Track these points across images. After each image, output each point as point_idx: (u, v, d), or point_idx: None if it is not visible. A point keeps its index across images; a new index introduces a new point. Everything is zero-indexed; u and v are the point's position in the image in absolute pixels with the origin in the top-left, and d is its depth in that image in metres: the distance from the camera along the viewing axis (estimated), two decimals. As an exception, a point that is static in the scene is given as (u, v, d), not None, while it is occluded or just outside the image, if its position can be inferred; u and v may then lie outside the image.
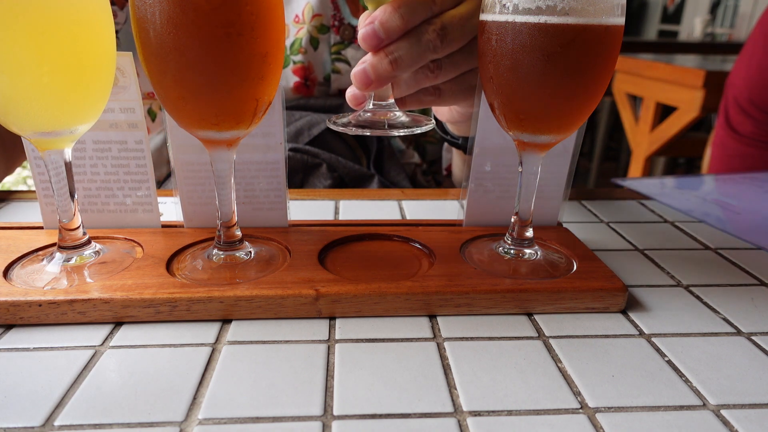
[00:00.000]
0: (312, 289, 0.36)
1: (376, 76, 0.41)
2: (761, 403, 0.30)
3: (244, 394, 0.30)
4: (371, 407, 0.29)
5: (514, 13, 0.34)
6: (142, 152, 0.44)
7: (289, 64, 0.74)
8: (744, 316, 0.39)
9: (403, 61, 0.40)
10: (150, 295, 0.35)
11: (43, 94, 0.33)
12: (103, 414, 0.28)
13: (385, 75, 0.40)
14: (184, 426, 0.27)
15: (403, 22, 0.39)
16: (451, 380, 0.31)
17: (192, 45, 0.32)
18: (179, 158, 0.44)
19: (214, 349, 0.33)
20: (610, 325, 0.37)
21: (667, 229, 0.55)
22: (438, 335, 0.35)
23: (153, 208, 0.46)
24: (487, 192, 0.47)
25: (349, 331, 0.35)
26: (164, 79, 0.34)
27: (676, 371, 0.33)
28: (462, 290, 0.37)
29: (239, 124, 0.36)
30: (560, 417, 0.29)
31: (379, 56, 0.40)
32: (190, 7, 0.31)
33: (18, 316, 0.35)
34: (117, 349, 0.33)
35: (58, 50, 0.32)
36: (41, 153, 0.37)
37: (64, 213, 0.39)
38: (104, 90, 0.37)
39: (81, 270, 0.38)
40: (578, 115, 0.37)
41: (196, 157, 0.44)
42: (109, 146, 0.44)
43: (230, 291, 0.36)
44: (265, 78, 0.35)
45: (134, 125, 0.43)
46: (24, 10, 0.30)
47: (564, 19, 0.33)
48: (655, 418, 0.29)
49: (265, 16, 0.33)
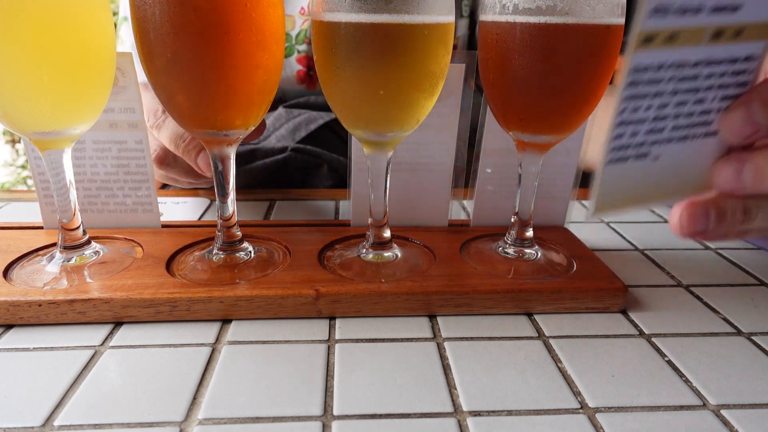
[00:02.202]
0: (312, 289, 0.36)
1: (756, 185, 0.28)
2: (761, 403, 0.30)
3: (244, 394, 0.30)
4: (371, 407, 0.29)
5: (514, 13, 0.34)
6: (142, 152, 0.44)
7: (293, 53, 0.74)
8: (744, 316, 0.39)
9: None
10: (150, 295, 0.35)
11: (43, 94, 0.33)
12: (103, 414, 0.28)
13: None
14: (184, 426, 0.27)
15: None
16: (451, 380, 0.31)
17: (191, 45, 0.32)
18: None
19: (214, 349, 0.33)
20: (610, 325, 0.37)
21: (667, 229, 0.55)
22: (438, 335, 0.35)
23: (153, 208, 0.46)
24: (494, 192, 0.47)
25: (349, 331, 0.35)
26: (164, 79, 0.34)
27: (676, 371, 0.33)
28: (462, 290, 0.37)
29: (239, 124, 0.36)
30: (560, 417, 0.29)
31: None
32: (189, 7, 0.31)
33: (18, 316, 0.35)
34: (117, 349, 0.33)
35: (58, 50, 0.32)
36: (41, 153, 0.37)
37: (64, 213, 0.39)
38: (104, 90, 0.37)
39: (81, 270, 0.38)
40: (578, 115, 0.37)
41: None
42: (109, 146, 0.44)
43: (230, 291, 0.36)
44: (265, 77, 0.35)
45: (134, 125, 0.43)
46: (24, 11, 0.30)
47: (564, 19, 0.33)
48: (655, 418, 0.29)
49: (264, 16, 0.33)
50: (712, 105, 0.28)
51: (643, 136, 0.28)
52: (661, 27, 0.25)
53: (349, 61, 0.33)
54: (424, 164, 0.46)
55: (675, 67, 0.27)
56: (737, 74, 0.28)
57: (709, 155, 0.29)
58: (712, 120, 0.29)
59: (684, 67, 0.27)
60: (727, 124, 0.28)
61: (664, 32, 0.26)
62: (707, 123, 0.29)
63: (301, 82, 0.75)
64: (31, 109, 0.34)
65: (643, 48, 0.26)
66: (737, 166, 0.27)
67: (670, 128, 0.28)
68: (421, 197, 0.47)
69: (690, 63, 0.27)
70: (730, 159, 0.28)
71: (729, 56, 0.27)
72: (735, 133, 0.27)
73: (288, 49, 0.74)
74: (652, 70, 0.26)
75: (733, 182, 0.28)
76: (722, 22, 0.26)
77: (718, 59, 0.27)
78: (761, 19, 0.27)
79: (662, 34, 0.26)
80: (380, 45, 0.32)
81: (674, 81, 0.27)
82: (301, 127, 0.70)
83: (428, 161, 0.46)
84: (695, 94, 0.28)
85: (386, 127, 0.36)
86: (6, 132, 2.57)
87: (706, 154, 0.29)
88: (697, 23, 0.26)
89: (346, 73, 0.34)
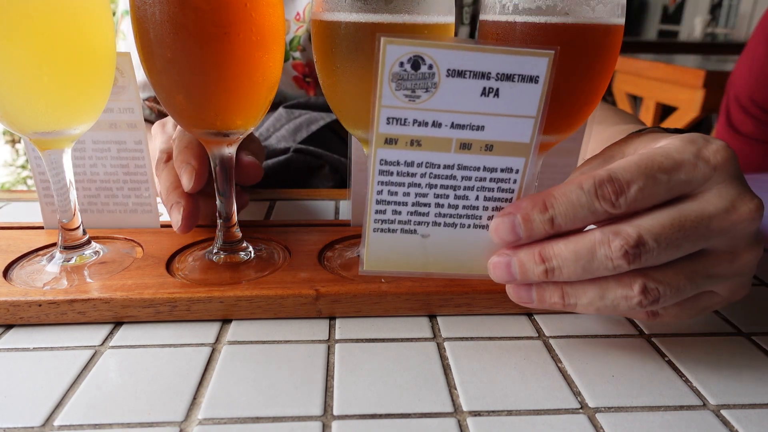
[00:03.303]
0: (312, 289, 0.36)
1: (524, 278, 0.31)
2: (761, 403, 0.30)
3: (244, 394, 0.30)
4: (371, 407, 0.29)
5: (514, 13, 0.34)
6: (141, 152, 0.44)
7: (289, 59, 0.74)
8: (744, 316, 0.39)
9: (564, 275, 0.30)
10: (150, 295, 0.35)
11: (43, 94, 0.33)
12: (103, 414, 0.28)
13: (536, 280, 0.31)
14: (184, 426, 0.27)
15: (553, 227, 0.30)
16: (451, 380, 0.31)
17: (191, 45, 0.32)
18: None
19: (214, 349, 0.33)
20: (610, 325, 0.37)
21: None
22: (438, 335, 0.35)
23: (152, 209, 0.46)
24: None
25: (349, 331, 0.35)
26: (164, 79, 0.34)
27: (676, 371, 0.33)
28: (462, 290, 0.37)
29: (239, 124, 0.36)
30: (560, 417, 0.29)
31: (530, 255, 0.31)
32: (189, 7, 0.31)
33: (18, 316, 0.35)
34: (117, 349, 0.33)
35: (58, 51, 0.32)
36: (41, 153, 0.37)
37: (64, 213, 0.39)
38: (104, 90, 0.37)
39: (81, 270, 0.38)
40: (578, 115, 0.37)
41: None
42: (108, 146, 0.44)
43: (230, 291, 0.36)
44: (265, 77, 0.35)
45: (133, 125, 0.43)
46: (24, 11, 0.30)
47: (564, 19, 0.33)
48: (655, 418, 0.29)
49: (264, 16, 0.33)
50: (477, 203, 0.32)
51: (407, 215, 0.32)
52: (400, 133, 0.29)
53: (349, 61, 0.33)
54: None
55: (426, 165, 0.31)
56: (499, 181, 0.32)
57: (482, 244, 0.34)
58: (480, 215, 0.33)
59: (437, 167, 0.31)
60: (494, 230, 0.32)
61: (405, 137, 0.30)
62: (476, 216, 0.33)
63: (300, 87, 0.75)
64: (31, 109, 0.34)
65: (386, 147, 0.30)
66: (506, 261, 0.32)
67: (435, 214, 0.32)
68: None
69: (440, 165, 0.31)
70: (500, 254, 0.32)
71: (485, 165, 0.31)
72: (500, 239, 0.32)
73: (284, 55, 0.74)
74: (402, 164, 0.31)
75: (506, 276, 0.32)
76: (467, 136, 0.30)
77: (472, 166, 0.31)
78: (507, 139, 0.30)
79: (403, 139, 0.30)
80: (380, 45, 0.32)
81: (428, 177, 0.31)
82: (302, 128, 0.70)
83: None
84: (455, 190, 0.32)
85: None
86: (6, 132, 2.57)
87: (478, 242, 0.33)
88: (439, 135, 0.30)
89: (346, 73, 0.33)
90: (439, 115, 0.29)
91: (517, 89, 0.29)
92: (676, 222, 0.28)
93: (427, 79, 0.28)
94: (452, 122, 0.30)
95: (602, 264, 0.29)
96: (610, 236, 0.28)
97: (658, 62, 2.08)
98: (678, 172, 0.29)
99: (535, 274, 0.31)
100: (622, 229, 0.28)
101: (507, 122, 0.30)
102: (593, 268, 0.29)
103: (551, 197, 0.30)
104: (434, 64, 0.28)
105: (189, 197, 0.42)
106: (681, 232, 0.28)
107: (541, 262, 0.30)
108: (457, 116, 0.29)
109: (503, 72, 0.28)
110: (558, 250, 0.30)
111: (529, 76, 0.29)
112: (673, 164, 0.29)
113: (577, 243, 0.29)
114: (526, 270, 0.31)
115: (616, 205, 0.29)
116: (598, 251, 0.29)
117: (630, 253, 0.28)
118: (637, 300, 0.29)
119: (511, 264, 0.31)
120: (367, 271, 0.34)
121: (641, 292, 0.29)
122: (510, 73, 0.28)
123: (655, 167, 0.29)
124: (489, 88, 0.29)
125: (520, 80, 0.29)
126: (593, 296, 0.30)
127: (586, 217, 0.29)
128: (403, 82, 0.28)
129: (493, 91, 0.29)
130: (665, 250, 0.28)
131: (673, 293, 0.29)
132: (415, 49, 0.27)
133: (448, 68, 0.28)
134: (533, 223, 0.30)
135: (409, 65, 0.28)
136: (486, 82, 0.29)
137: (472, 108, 0.29)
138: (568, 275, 0.30)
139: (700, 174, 0.29)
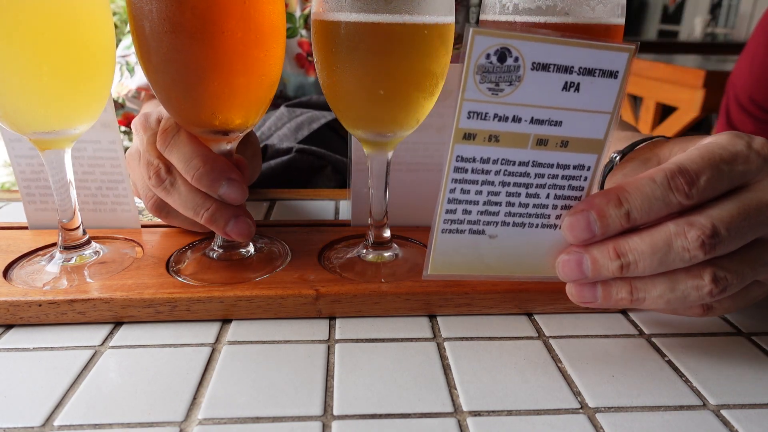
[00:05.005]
0: (312, 289, 0.36)
1: (596, 275, 0.31)
2: (761, 403, 0.30)
3: (244, 394, 0.30)
4: (371, 407, 0.29)
5: (514, 13, 0.34)
6: (116, 152, 0.44)
7: (296, 35, 0.74)
8: (744, 316, 0.39)
9: (639, 269, 0.30)
10: (150, 295, 0.35)
11: (43, 94, 0.33)
12: (103, 414, 0.28)
13: (609, 276, 0.31)
14: (184, 426, 0.27)
15: (629, 221, 0.30)
16: (451, 380, 0.31)
17: (189, 44, 0.32)
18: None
19: (214, 349, 0.33)
20: (610, 325, 0.37)
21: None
22: (438, 335, 0.35)
23: (131, 208, 0.46)
24: None
25: (349, 331, 0.35)
26: (162, 78, 0.34)
27: (676, 371, 0.33)
28: (462, 290, 0.37)
29: (239, 123, 0.36)
30: (560, 417, 0.29)
31: (604, 251, 0.31)
32: (187, 6, 0.31)
33: (18, 316, 0.35)
34: (117, 349, 0.33)
35: (58, 51, 0.32)
36: (41, 153, 0.37)
37: (64, 213, 0.39)
38: (104, 90, 0.37)
39: (81, 270, 0.38)
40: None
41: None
42: (84, 146, 0.43)
43: (230, 291, 0.36)
44: (264, 76, 0.35)
45: (106, 125, 0.43)
46: (24, 11, 0.30)
47: (564, 19, 0.33)
48: (655, 418, 0.29)
49: (263, 14, 0.33)
50: (547, 201, 0.32)
51: (476, 215, 0.32)
52: (479, 128, 0.29)
53: (349, 61, 0.33)
54: (424, 164, 0.46)
55: (501, 162, 0.30)
56: (570, 178, 0.31)
57: (548, 245, 0.33)
58: (549, 214, 0.32)
59: (512, 164, 0.31)
60: (567, 228, 0.31)
61: (484, 133, 0.29)
62: (544, 215, 0.32)
63: (301, 66, 0.75)
64: (31, 109, 0.34)
65: (464, 142, 0.29)
66: (578, 258, 0.31)
67: (504, 213, 0.32)
68: (421, 197, 0.47)
69: (515, 162, 0.31)
70: (570, 252, 0.32)
71: (558, 162, 0.31)
72: (575, 237, 0.31)
73: (291, 31, 0.73)
74: (478, 161, 0.30)
75: (576, 273, 0.32)
76: (544, 132, 0.30)
77: (547, 163, 0.31)
78: (583, 136, 0.30)
79: (482, 134, 0.29)
80: (380, 45, 0.32)
81: (502, 174, 0.31)
82: (303, 127, 0.70)
83: (428, 161, 0.46)
84: (527, 188, 0.31)
85: (386, 127, 0.36)
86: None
87: (545, 242, 0.33)
88: (518, 130, 0.29)
89: (346, 73, 0.34)
90: (519, 110, 0.29)
91: (596, 84, 0.29)
92: (743, 211, 0.29)
93: (512, 72, 0.28)
94: (532, 117, 0.29)
95: (679, 255, 0.29)
96: (685, 227, 0.29)
97: (658, 62, 2.08)
98: (736, 163, 0.30)
99: (609, 270, 0.30)
100: (696, 221, 0.29)
101: (584, 118, 0.29)
102: (669, 260, 0.29)
103: (624, 192, 0.30)
104: (520, 57, 0.27)
105: (235, 169, 0.38)
106: (747, 221, 0.29)
107: (616, 257, 0.30)
108: (537, 111, 0.29)
109: (586, 66, 0.28)
110: (634, 245, 0.30)
111: (609, 71, 0.28)
112: (732, 156, 0.30)
113: (653, 236, 0.30)
114: (599, 267, 0.31)
115: (689, 196, 0.29)
116: (674, 243, 0.29)
117: (707, 243, 0.28)
118: (708, 289, 0.30)
119: (583, 261, 0.31)
120: (431, 275, 0.33)
121: (712, 281, 0.29)
122: (592, 67, 0.28)
123: (717, 159, 0.30)
124: (571, 82, 0.28)
125: (600, 75, 0.28)
126: (663, 289, 0.30)
127: (660, 209, 0.29)
128: (488, 75, 0.28)
129: (574, 85, 0.28)
130: (734, 239, 0.29)
131: (738, 281, 0.30)
132: (503, 41, 0.27)
133: (533, 61, 0.28)
134: (609, 219, 0.30)
135: (495, 57, 0.27)
136: (568, 76, 0.28)
137: (552, 102, 0.29)
138: (644, 269, 0.30)
139: (755, 165, 0.30)
